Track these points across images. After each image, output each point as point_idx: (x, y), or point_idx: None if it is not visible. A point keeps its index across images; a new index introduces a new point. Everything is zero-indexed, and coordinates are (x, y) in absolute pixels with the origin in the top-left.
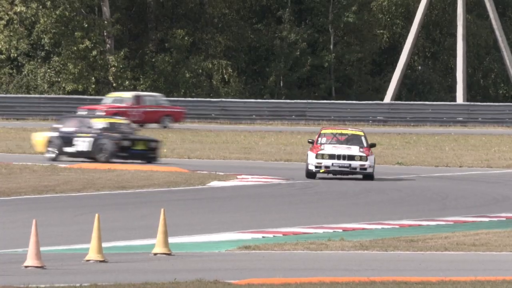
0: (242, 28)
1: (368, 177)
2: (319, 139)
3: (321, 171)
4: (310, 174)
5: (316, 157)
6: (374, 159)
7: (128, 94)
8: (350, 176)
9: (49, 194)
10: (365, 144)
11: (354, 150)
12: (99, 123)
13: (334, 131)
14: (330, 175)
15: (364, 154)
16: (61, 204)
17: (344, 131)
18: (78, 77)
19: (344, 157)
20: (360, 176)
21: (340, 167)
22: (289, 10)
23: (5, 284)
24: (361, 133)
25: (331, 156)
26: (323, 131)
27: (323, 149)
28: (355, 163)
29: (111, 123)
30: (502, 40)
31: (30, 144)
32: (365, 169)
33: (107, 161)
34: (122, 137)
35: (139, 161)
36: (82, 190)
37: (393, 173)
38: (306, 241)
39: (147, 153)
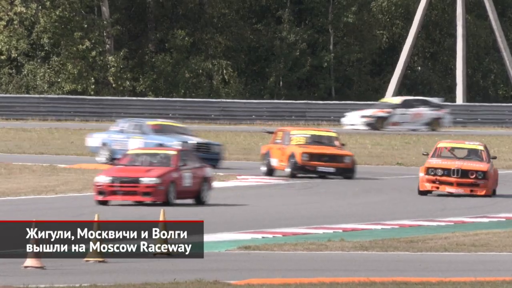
0: (242, 29)
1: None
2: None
3: None
4: None
5: None
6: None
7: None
8: None
9: (49, 194)
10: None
11: None
12: None
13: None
14: None
15: None
16: (61, 204)
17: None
18: (78, 77)
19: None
20: None
21: None
22: (288, 10)
23: (5, 284)
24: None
25: None
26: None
27: None
28: None
29: None
30: (502, 40)
31: None
32: None
33: None
34: None
35: None
36: (82, 191)
37: (393, 173)
38: (306, 242)
39: None
